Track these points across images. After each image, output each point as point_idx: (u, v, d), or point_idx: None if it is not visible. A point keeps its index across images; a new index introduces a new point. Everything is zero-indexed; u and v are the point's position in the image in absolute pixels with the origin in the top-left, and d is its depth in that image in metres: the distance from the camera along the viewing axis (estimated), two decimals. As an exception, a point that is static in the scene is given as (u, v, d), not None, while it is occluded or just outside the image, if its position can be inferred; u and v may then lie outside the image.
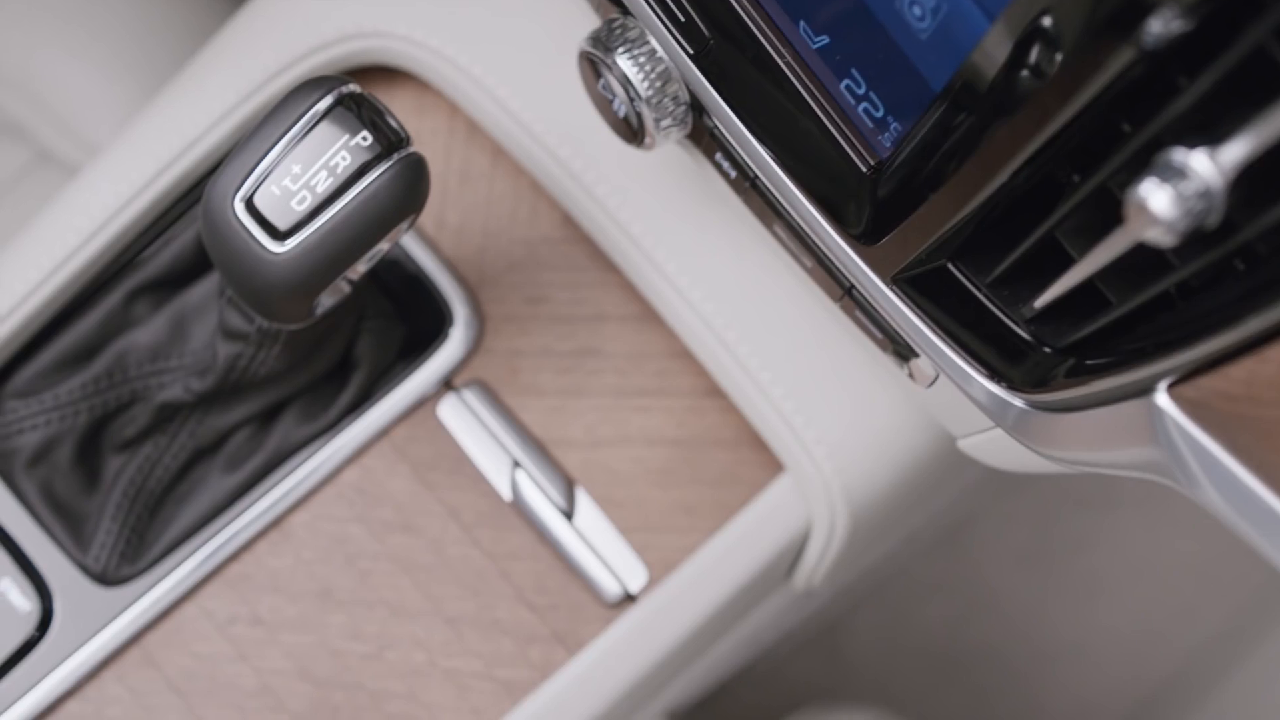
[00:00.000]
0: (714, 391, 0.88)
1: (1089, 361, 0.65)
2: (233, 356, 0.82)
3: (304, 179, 0.73)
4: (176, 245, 0.88)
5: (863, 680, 1.33)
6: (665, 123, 0.75)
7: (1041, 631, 1.38)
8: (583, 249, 0.89)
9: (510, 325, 0.89)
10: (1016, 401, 0.69)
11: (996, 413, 0.69)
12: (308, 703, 0.86)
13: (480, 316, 0.88)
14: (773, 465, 0.87)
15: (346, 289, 0.79)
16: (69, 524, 0.87)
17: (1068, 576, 1.39)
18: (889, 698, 1.33)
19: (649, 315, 0.89)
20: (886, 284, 0.71)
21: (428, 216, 0.89)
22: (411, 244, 0.88)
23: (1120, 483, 1.42)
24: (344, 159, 0.73)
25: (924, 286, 0.69)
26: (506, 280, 0.89)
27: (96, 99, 1.09)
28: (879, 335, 0.77)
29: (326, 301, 0.79)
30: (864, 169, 0.69)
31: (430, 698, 0.86)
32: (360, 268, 0.77)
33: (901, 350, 0.77)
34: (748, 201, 0.78)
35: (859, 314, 0.77)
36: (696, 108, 0.75)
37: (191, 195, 0.89)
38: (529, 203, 0.89)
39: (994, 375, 0.69)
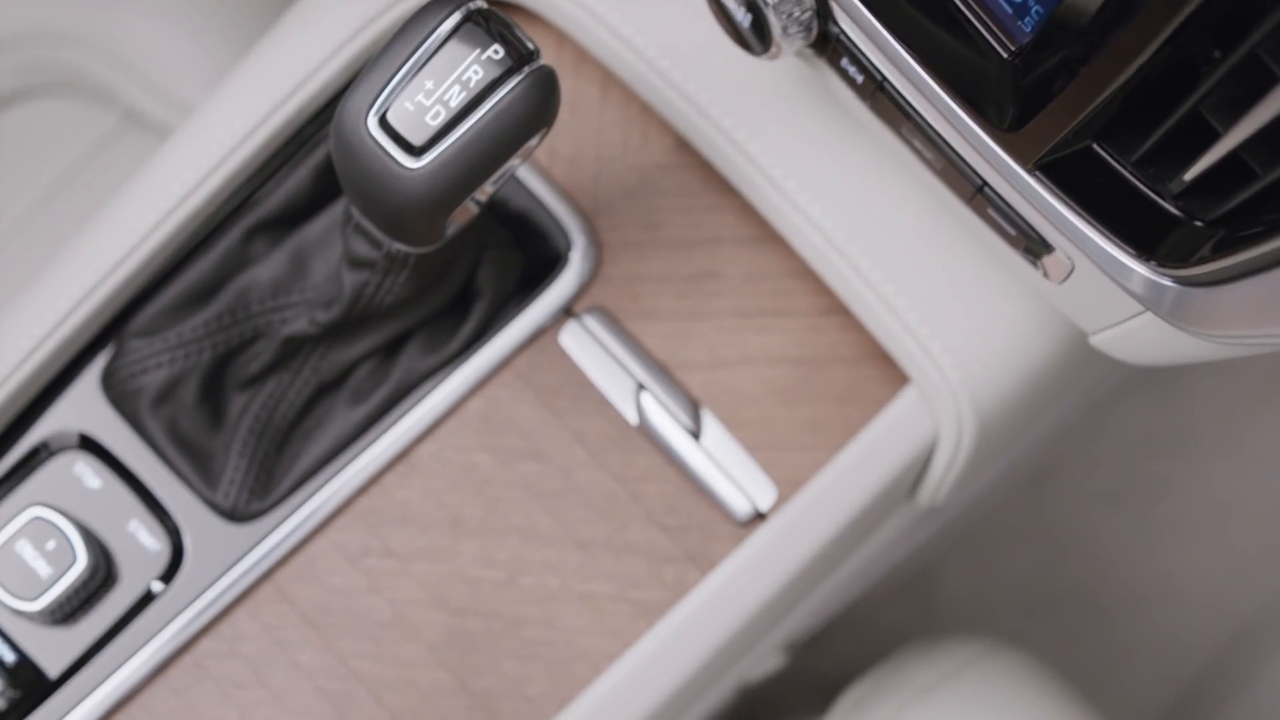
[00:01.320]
0: (833, 309, 0.88)
1: (1239, 234, 0.65)
2: (359, 285, 0.82)
3: (437, 94, 0.73)
4: (291, 184, 0.89)
5: (954, 626, 1.33)
6: (791, 29, 0.76)
7: (1129, 573, 1.38)
8: (696, 174, 0.89)
9: (627, 252, 0.89)
10: (1166, 282, 0.69)
11: (1149, 297, 0.69)
12: (443, 631, 0.86)
13: (597, 244, 0.88)
14: (896, 380, 0.88)
15: (474, 210, 0.79)
16: (196, 462, 0.87)
17: (1152, 519, 1.39)
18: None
19: (765, 237, 0.89)
20: (1028, 171, 0.71)
21: (540, 148, 0.89)
22: (526, 175, 0.89)
23: (1201, 425, 1.42)
24: (476, 73, 0.73)
25: (1067, 170, 0.70)
26: (621, 207, 0.89)
27: (182, 58, 1.10)
28: (1012, 233, 0.77)
29: (454, 223, 0.79)
30: (1005, 55, 0.70)
31: (566, 622, 0.86)
32: (489, 187, 0.78)
33: (1035, 246, 0.77)
34: (874, 107, 0.78)
35: (991, 212, 0.77)
36: (822, 13, 0.76)
37: (302, 134, 0.89)
38: (640, 129, 0.89)
39: (1142, 255, 0.69)
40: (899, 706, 0.98)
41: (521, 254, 0.89)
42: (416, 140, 0.73)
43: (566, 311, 0.88)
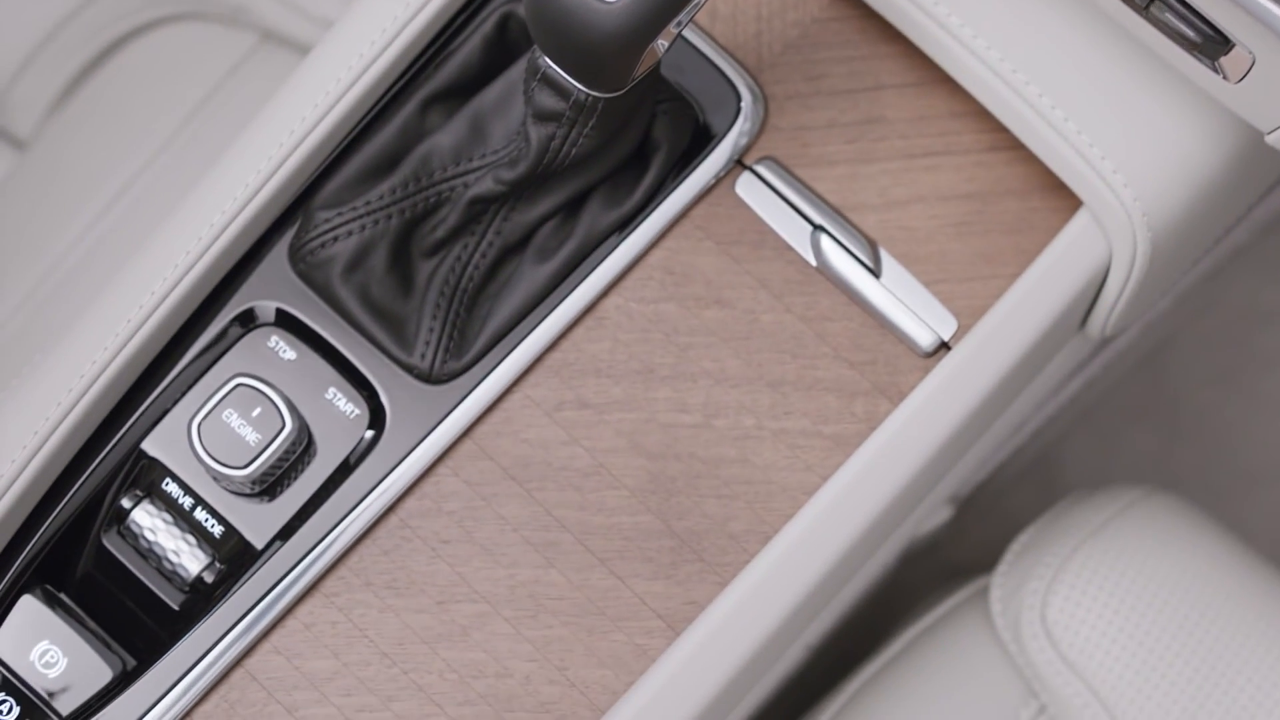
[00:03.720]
0: (998, 146, 0.91)
1: None
2: (546, 138, 0.84)
3: (630, -71, 0.75)
4: (461, 55, 0.91)
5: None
6: None
7: (1245, 453, 1.40)
8: (854, 25, 0.92)
9: (793, 103, 0.91)
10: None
11: None
12: (644, 476, 0.87)
13: (764, 97, 0.90)
14: (1066, 207, 0.90)
15: (660, 51, 0.81)
16: (390, 327, 0.88)
17: (1268, 396, 1.40)
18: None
19: (927, 80, 0.91)
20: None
21: (700, 11, 0.91)
22: (689, 34, 0.91)
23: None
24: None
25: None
26: (784, 62, 0.91)
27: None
28: (1190, 35, 0.79)
29: (642, 65, 0.81)
30: None
31: (763, 459, 0.88)
32: (674, 29, 0.80)
33: (1213, 46, 0.79)
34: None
35: (1169, 17, 0.79)
36: None
37: (470, 6, 0.91)
38: (796, -15, 0.92)
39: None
40: (1071, 548, 1.00)
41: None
42: (612, -25, 0.75)
43: (739, 163, 0.90)
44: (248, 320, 0.89)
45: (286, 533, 0.87)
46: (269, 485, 0.87)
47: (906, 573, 1.26)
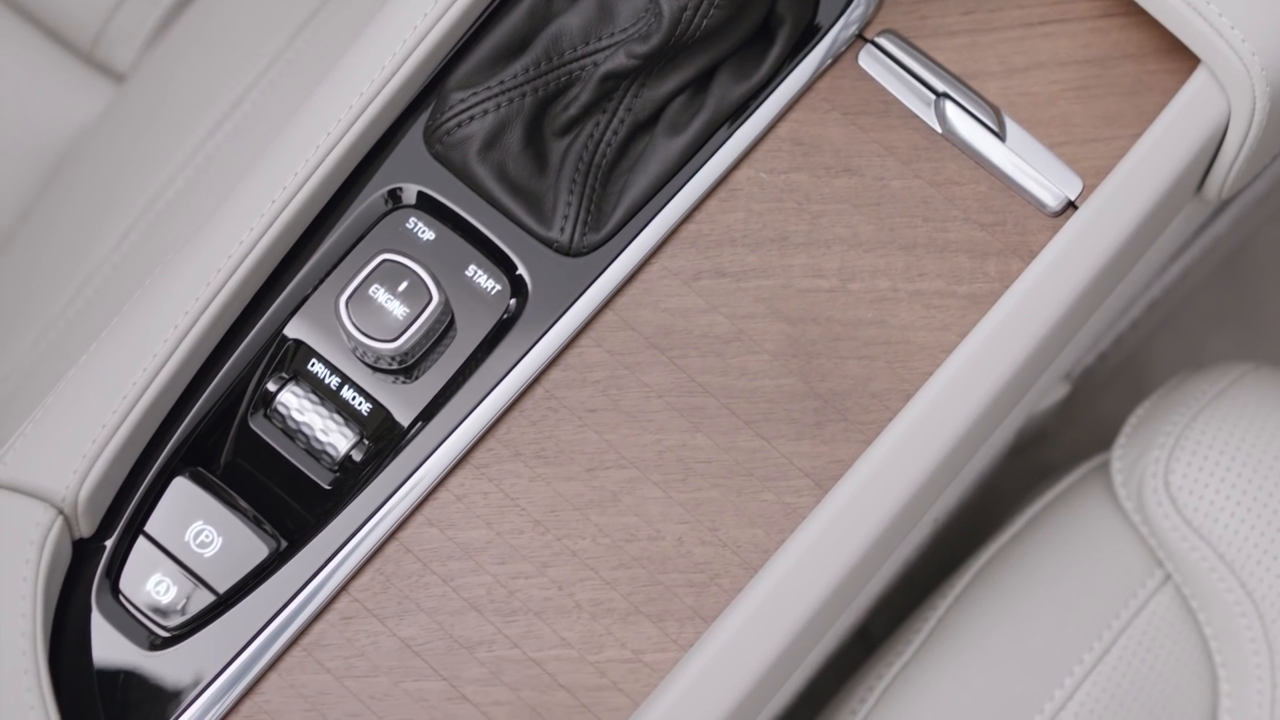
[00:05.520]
0: (1112, 11, 0.93)
1: None
2: (678, 10, 0.86)
3: None
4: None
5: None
6: None
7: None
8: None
9: (909, -22, 0.93)
10: None
11: None
12: (784, 340, 0.89)
13: (881, -27, 0.93)
14: (1183, 68, 0.92)
15: None
16: (528, 203, 0.90)
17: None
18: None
19: (1039, -49, 0.93)
20: None
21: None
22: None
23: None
24: None
25: None
26: (897, -61, 0.94)
27: None
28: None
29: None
30: None
31: (900, 320, 0.89)
32: None
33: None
34: None
35: None
36: None
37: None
38: None
39: None
40: (1191, 415, 1.01)
41: None
42: None
43: (860, 37, 0.92)
44: (392, 200, 0.90)
45: (433, 408, 0.88)
46: (413, 363, 0.88)
47: (1007, 483, 1.27)
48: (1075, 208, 0.91)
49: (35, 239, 1.17)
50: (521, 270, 0.89)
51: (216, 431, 0.90)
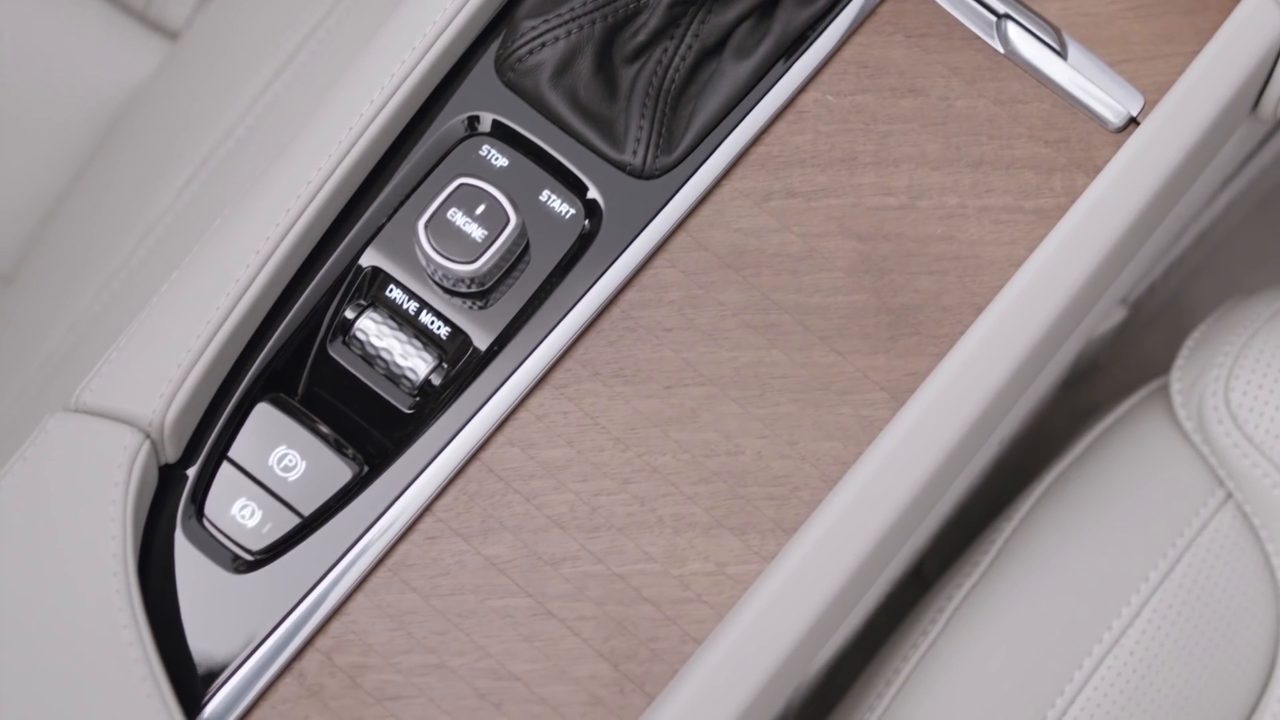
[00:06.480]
0: (1167, -66, 0.95)
1: None
2: (745, -67, 0.88)
3: None
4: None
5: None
6: None
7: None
8: None
9: (965, -94, 0.94)
10: None
11: None
12: (855, 257, 0.90)
13: (937, -99, 0.94)
14: (1240, -14, 0.93)
15: None
16: (600, 128, 0.91)
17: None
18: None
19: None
20: None
21: None
22: None
23: None
24: None
25: None
26: None
27: None
28: None
29: None
30: None
31: (969, 235, 0.90)
32: None
33: None
34: None
35: None
36: None
37: None
38: None
39: None
40: (1249, 334, 1.03)
41: None
42: None
43: (920, -38, 0.94)
44: (470, 127, 0.91)
45: (510, 331, 0.89)
46: (489, 288, 0.89)
47: (1057, 422, 1.28)
48: (1137, 123, 0.92)
49: (95, 193, 1.18)
50: (595, 194, 0.91)
51: (296, 360, 0.90)
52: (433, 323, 0.89)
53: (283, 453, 0.88)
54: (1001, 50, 0.93)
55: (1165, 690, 0.99)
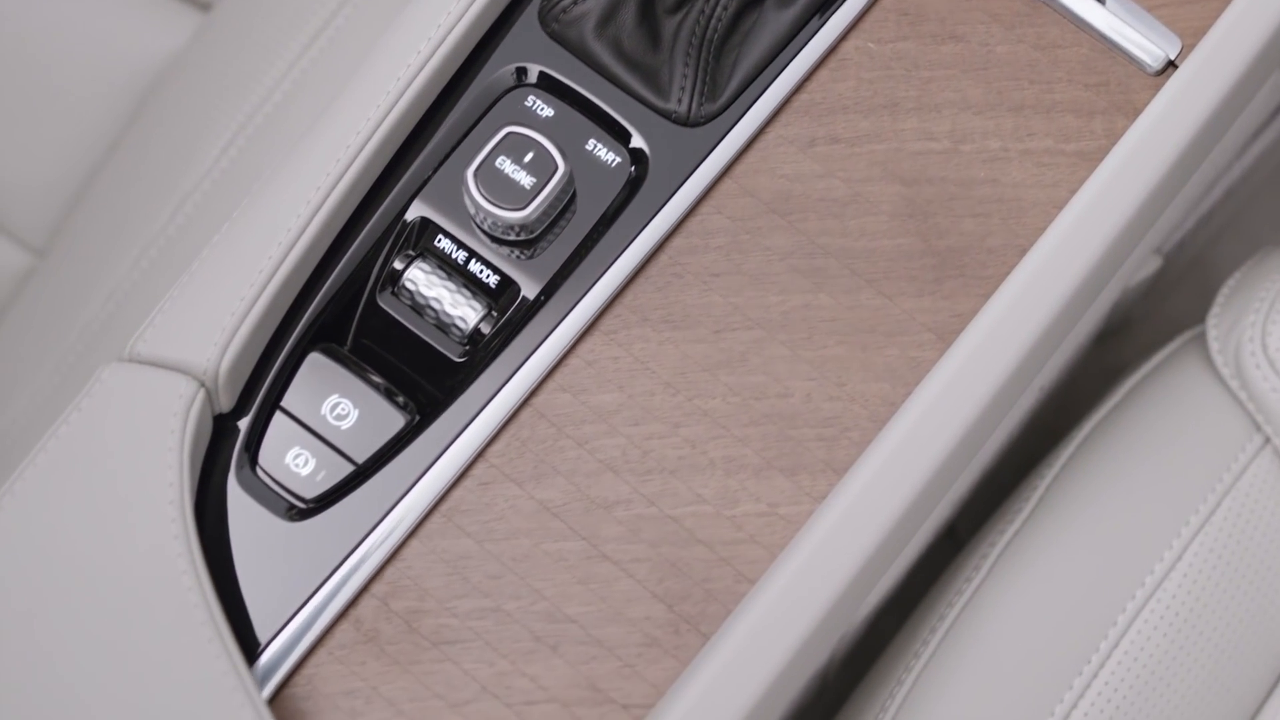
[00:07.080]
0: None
1: None
2: (787, -119, 0.89)
3: None
4: None
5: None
6: None
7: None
8: None
9: None
10: None
11: None
12: (900, 201, 0.91)
13: None
14: (1272, -69, 0.94)
15: None
16: (644, 77, 0.92)
17: None
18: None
19: None
20: None
21: None
22: None
23: None
24: None
25: None
26: None
27: None
28: None
29: None
30: None
31: (1012, 178, 0.91)
32: None
33: None
34: None
35: None
36: None
37: None
38: None
39: None
40: (1286, 280, 1.03)
41: None
42: None
43: (956, -89, 0.95)
44: (519, 77, 0.92)
45: (559, 279, 0.90)
46: (537, 236, 0.90)
47: (1086, 383, 1.29)
48: (1175, 67, 0.93)
49: (130, 164, 1.18)
50: (640, 142, 0.91)
51: (346, 312, 0.91)
52: (481, 271, 0.90)
53: (335, 401, 0.89)
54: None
55: (1208, 633, 1.00)
